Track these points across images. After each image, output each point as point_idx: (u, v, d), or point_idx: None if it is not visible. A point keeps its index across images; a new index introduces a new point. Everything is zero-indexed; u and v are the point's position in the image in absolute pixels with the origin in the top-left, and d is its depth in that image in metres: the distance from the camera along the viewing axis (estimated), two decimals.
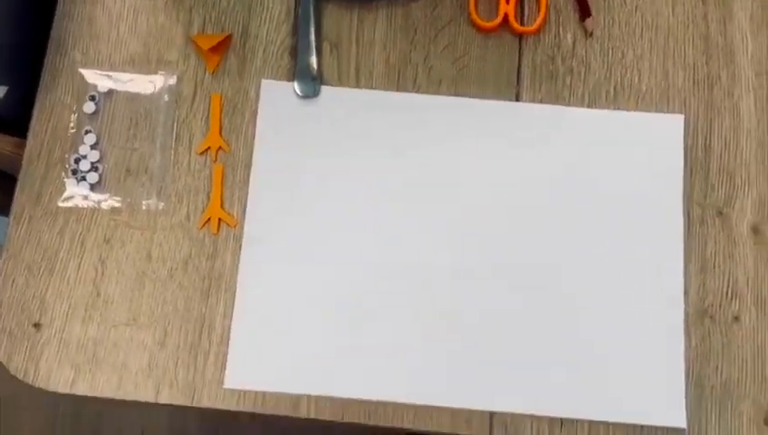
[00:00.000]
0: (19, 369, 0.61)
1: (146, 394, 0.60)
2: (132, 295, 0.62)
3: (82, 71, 0.66)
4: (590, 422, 0.60)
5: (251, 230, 0.63)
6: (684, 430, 0.59)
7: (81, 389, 0.60)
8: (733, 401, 0.60)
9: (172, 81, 0.66)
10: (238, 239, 0.63)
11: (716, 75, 0.67)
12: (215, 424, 1.11)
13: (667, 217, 0.64)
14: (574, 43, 0.68)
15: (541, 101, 0.66)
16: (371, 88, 0.67)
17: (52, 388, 0.60)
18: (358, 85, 0.67)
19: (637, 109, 0.66)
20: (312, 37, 0.67)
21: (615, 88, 0.67)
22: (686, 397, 0.60)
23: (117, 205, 0.64)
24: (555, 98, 0.66)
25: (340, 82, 0.67)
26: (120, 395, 0.60)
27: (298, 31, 0.67)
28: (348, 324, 0.61)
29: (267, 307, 0.62)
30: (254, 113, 0.66)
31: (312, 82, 0.66)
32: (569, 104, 0.66)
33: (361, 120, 0.66)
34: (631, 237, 0.63)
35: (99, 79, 0.66)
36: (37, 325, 0.62)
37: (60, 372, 0.61)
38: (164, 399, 0.60)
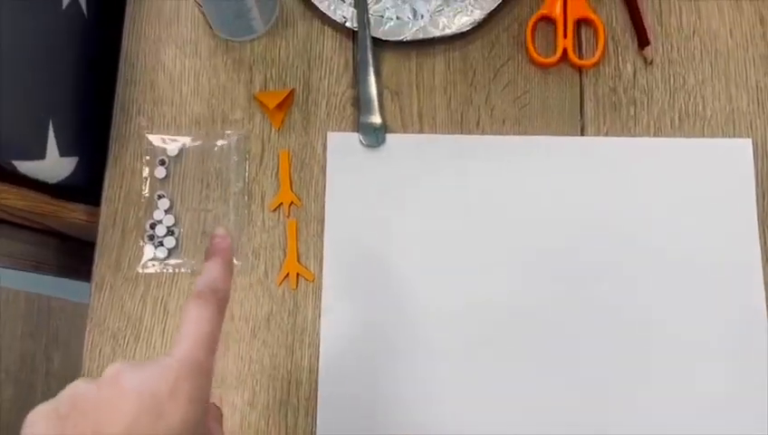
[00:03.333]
0: None
1: None
2: (218, 357, 0.63)
3: (149, 136, 0.67)
4: None
5: (329, 283, 0.64)
6: None
7: None
8: None
9: (239, 140, 0.67)
10: (317, 292, 0.64)
11: None
12: None
13: (743, 244, 0.63)
14: (635, 72, 0.68)
15: (606, 134, 0.66)
16: (435, 132, 0.67)
17: None
18: (422, 130, 0.67)
19: (703, 134, 0.66)
20: (373, 87, 0.67)
21: (679, 115, 0.67)
22: None
23: (196, 267, 0.65)
24: (620, 129, 0.66)
25: (404, 128, 0.67)
26: None
27: (358, 81, 0.67)
28: (438, 374, 0.62)
29: (353, 360, 0.62)
30: (322, 166, 0.66)
31: (376, 132, 0.66)
32: (634, 134, 0.66)
33: (428, 164, 0.66)
34: (707, 268, 0.63)
35: (166, 143, 0.67)
36: None
37: None
38: None
